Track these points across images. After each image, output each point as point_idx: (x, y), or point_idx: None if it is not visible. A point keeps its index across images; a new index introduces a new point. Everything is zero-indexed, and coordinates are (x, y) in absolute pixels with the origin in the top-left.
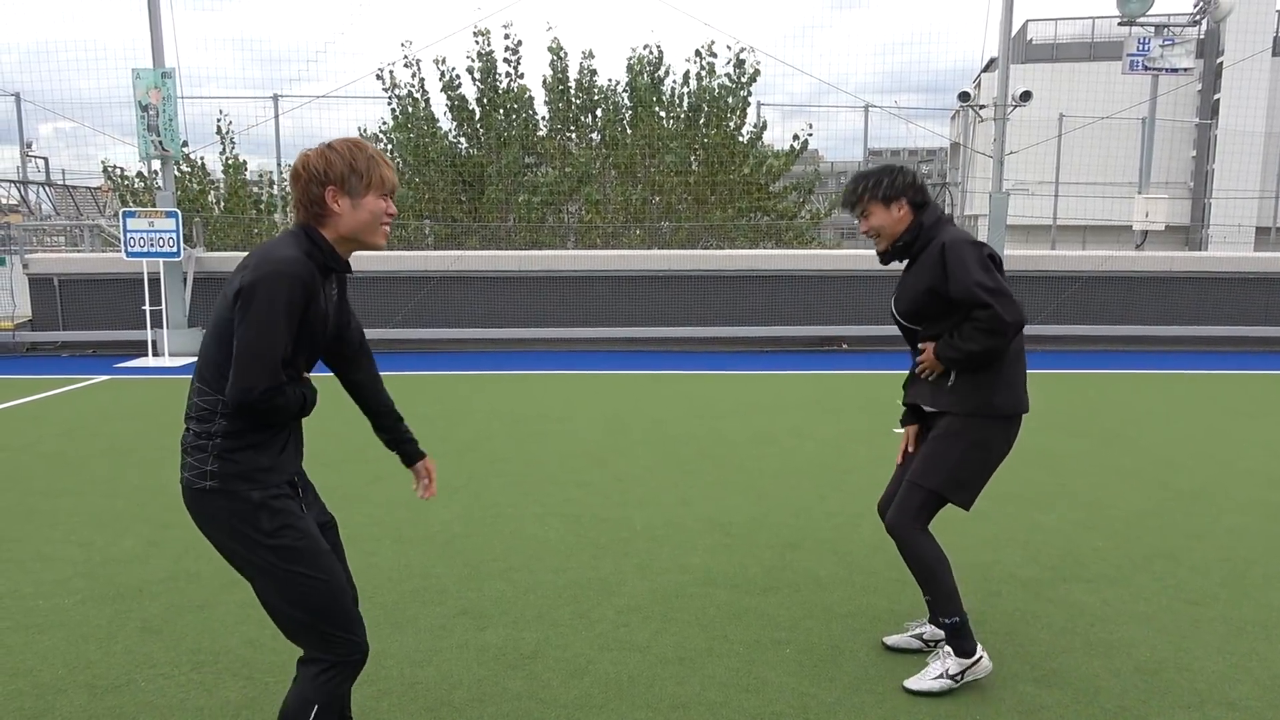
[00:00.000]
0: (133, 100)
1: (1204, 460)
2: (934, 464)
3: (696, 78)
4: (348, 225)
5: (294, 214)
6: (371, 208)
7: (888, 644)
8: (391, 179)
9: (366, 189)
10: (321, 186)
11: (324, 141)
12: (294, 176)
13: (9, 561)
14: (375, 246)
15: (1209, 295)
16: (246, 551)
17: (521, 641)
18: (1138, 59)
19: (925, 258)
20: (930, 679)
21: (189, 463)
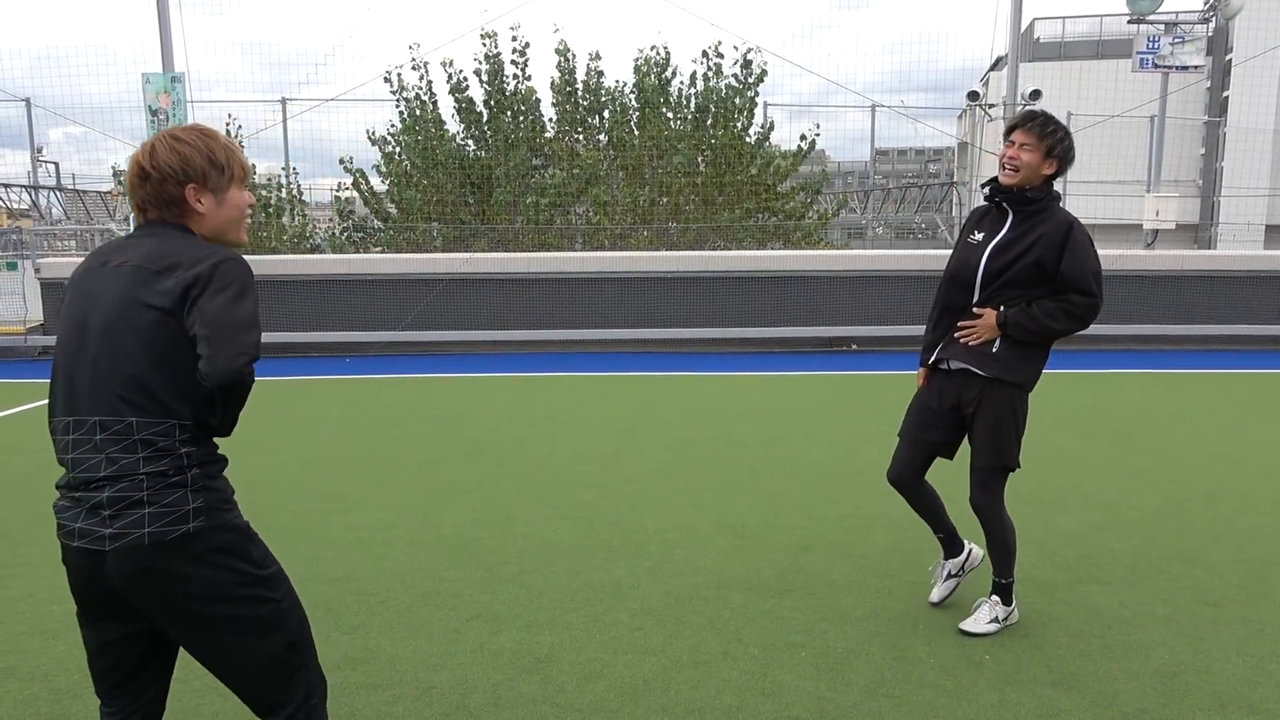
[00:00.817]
0: (142, 105)
1: (1219, 460)
2: (1007, 443)
3: (704, 78)
4: (212, 225)
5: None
6: (237, 202)
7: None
8: (249, 166)
9: (229, 182)
10: (180, 185)
11: (166, 132)
12: (139, 175)
13: (23, 565)
14: (238, 244)
15: (1221, 294)
16: (239, 591)
17: (536, 645)
18: (1148, 57)
19: (1041, 226)
20: (985, 622)
21: (153, 513)
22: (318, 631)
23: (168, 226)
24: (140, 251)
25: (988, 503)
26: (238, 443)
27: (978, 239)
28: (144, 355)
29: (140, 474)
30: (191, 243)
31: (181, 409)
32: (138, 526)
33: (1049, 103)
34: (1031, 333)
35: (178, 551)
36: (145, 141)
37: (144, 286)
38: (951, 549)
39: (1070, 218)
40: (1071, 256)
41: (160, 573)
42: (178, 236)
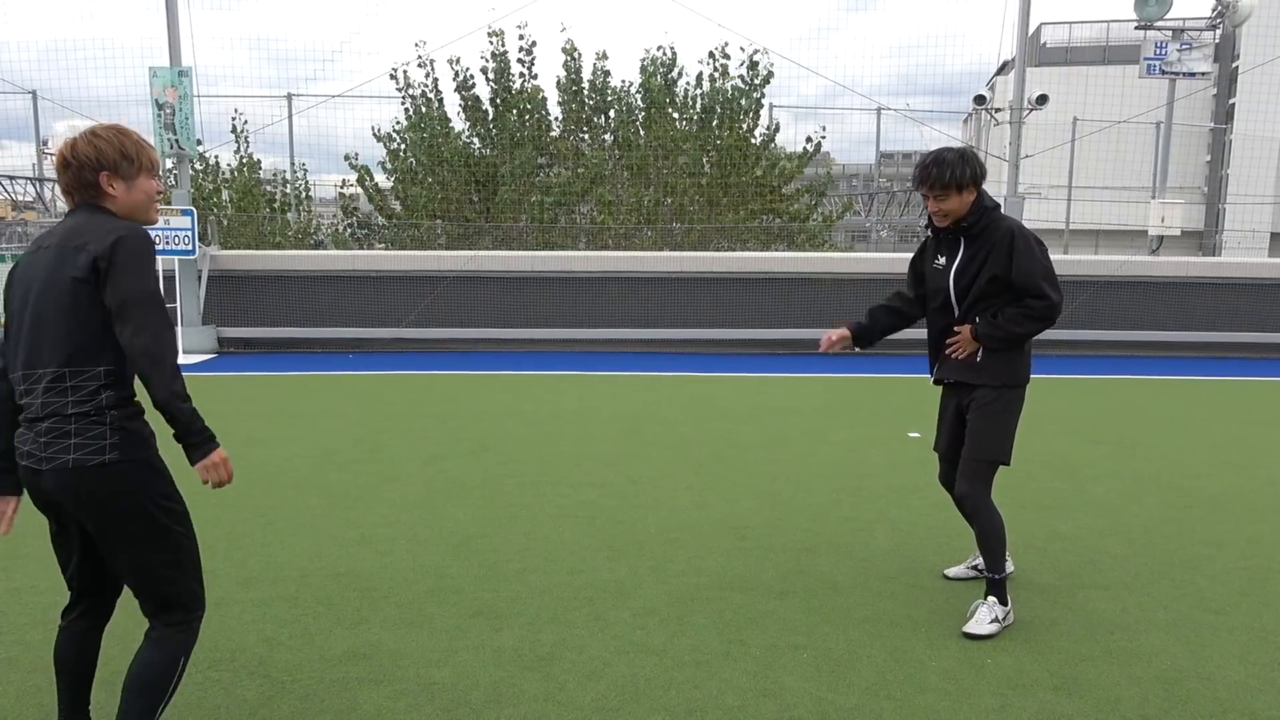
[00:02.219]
0: (149, 98)
1: (1222, 467)
2: (994, 437)
3: (710, 79)
4: (124, 206)
5: (71, 197)
6: (146, 189)
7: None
8: (157, 159)
9: (138, 171)
10: (95, 172)
11: (86, 129)
12: (62, 164)
13: (26, 557)
14: (149, 223)
15: (1226, 301)
16: (141, 518)
17: (538, 643)
18: (1155, 62)
19: (987, 242)
20: (986, 624)
21: (78, 443)
22: (319, 626)
23: (85, 209)
24: (60, 233)
25: (972, 492)
26: (241, 438)
27: (941, 264)
28: (67, 318)
29: (69, 413)
30: (99, 221)
31: (100, 362)
32: (65, 453)
33: (1055, 108)
34: (1001, 340)
35: (95, 475)
36: (68, 137)
37: (63, 262)
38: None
39: (1012, 226)
40: (1018, 265)
41: (82, 490)
42: (90, 217)
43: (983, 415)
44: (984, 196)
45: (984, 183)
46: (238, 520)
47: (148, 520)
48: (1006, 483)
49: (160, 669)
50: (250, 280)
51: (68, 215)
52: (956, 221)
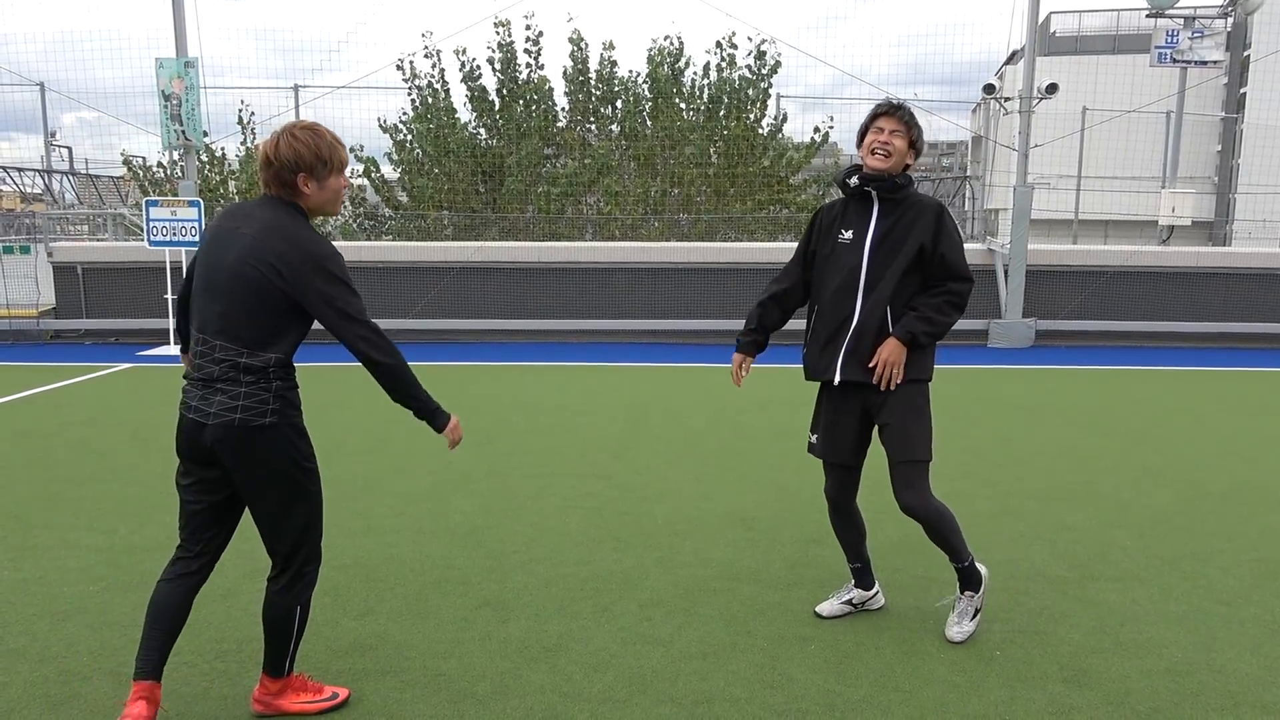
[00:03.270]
0: (155, 90)
1: (1233, 459)
2: (920, 438)
3: (717, 69)
4: (315, 203)
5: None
6: (335, 187)
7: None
8: (347, 158)
9: (330, 172)
10: (293, 173)
11: (283, 128)
12: (265, 162)
13: (34, 548)
14: (333, 214)
15: (1237, 291)
16: (292, 473)
17: (544, 634)
18: (1166, 51)
19: (910, 211)
20: (969, 622)
21: (244, 404)
22: (325, 617)
23: (281, 204)
24: (258, 225)
25: (919, 502)
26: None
27: (848, 237)
28: (250, 306)
29: (242, 381)
30: (298, 228)
31: (272, 347)
32: (231, 413)
33: (1065, 97)
34: (935, 336)
35: (254, 436)
36: (272, 134)
37: (255, 256)
38: (863, 581)
39: (938, 202)
40: (949, 240)
41: (247, 447)
42: (287, 216)
43: (907, 416)
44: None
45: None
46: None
47: (296, 477)
48: (1014, 474)
49: (285, 617)
50: None
51: (261, 201)
52: (890, 175)
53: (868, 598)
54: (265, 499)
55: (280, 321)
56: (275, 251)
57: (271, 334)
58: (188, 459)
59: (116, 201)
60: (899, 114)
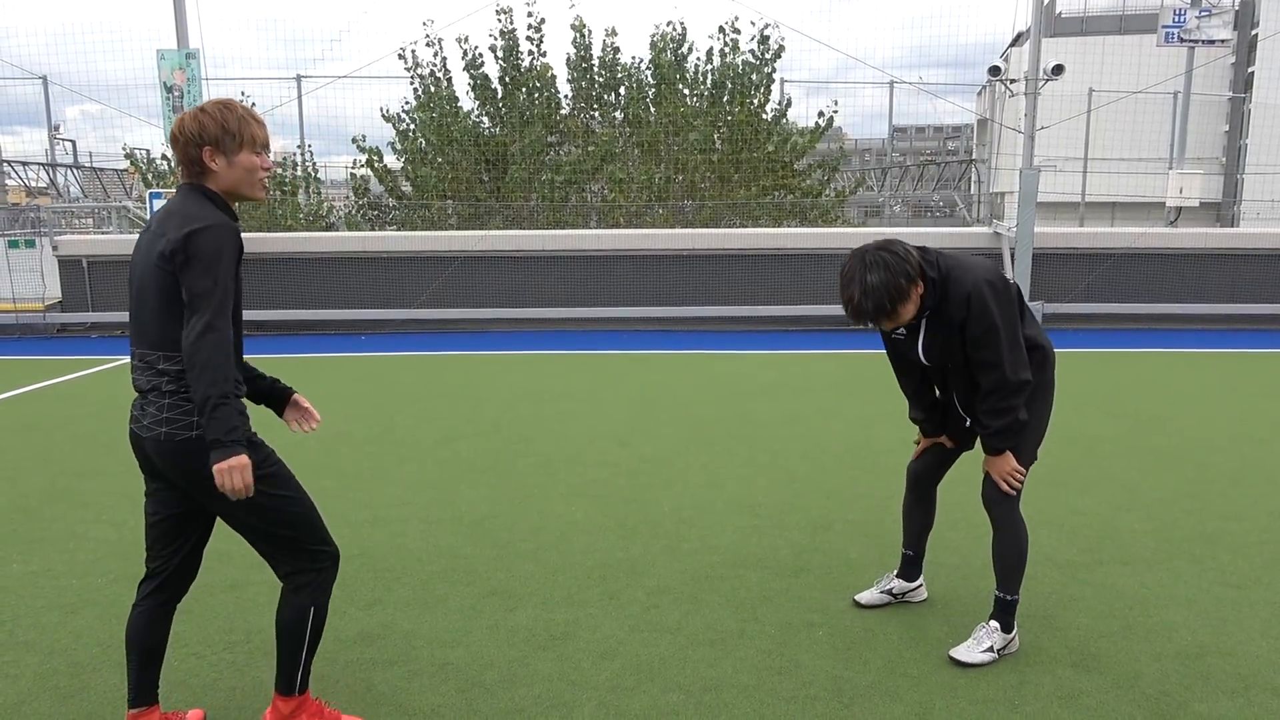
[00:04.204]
0: (157, 82)
1: (1241, 441)
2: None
3: (720, 54)
4: (226, 181)
5: (178, 174)
6: (246, 164)
7: (862, 602)
8: (263, 135)
9: (240, 147)
10: (198, 148)
11: (197, 105)
12: (172, 139)
13: (43, 540)
14: (254, 199)
15: (1245, 272)
16: None
17: (551, 623)
18: (1173, 30)
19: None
20: (979, 651)
21: (170, 417)
22: (335, 608)
23: (186, 190)
24: (158, 216)
25: (1001, 498)
26: (253, 421)
27: (902, 333)
28: (154, 304)
29: (164, 390)
30: (191, 207)
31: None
32: (159, 426)
33: (1071, 78)
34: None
35: (187, 447)
36: (182, 113)
37: (152, 248)
38: (907, 571)
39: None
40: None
41: (179, 461)
42: (192, 199)
43: None
44: (932, 272)
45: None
46: None
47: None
48: None
49: (294, 620)
50: (262, 263)
51: (176, 192)
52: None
53: (909, 589)
54: (228, 513)
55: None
56: (166, 238)
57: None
58: (141, 470)
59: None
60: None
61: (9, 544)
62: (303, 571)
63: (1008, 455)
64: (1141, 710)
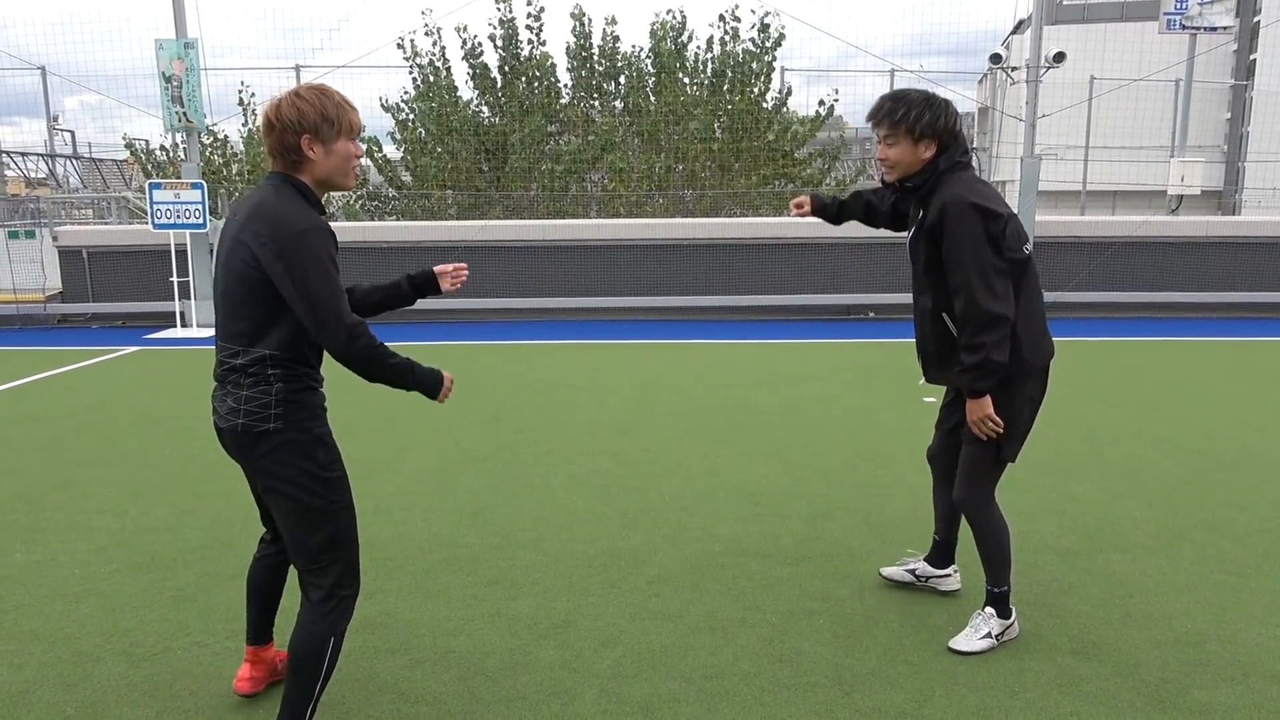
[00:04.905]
0: (156, 72)
1: (1242, 429)
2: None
3: (720, 43)
4: (322, 170)
5: (273, 159)
6: (343, 152)
7: (884, 574)
8: (358, 122)
9: (338, 134)
10: (296, 135)
11: (291, 90)
12: (267, 126)
13: (45, 530)
14: (345, 188)
15: (1246, 260)
16: (304, 484)
17: (553, 611)
18: (1175, 17)
19: (931, 207)
20: (977, 639)
21: (246, 409)
22: None
23: (277, 182)
24: (245, 209)
25: (970, 497)
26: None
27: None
28: (237, 297)
29: (241, 383)
30: (283, 207)
31: (263, 341)
32: (235, 417)
33: (1072, 66)
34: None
35: (257, 442)
36: (273, 97)
37: (238, 241)
38: (935, 558)
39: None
40: (950, 239)
41: (250, 453)
42: (280, 196)
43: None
44: (943, 158)
45: (952, 143)
46: None
47: (305, 488)
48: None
49: (315, 648)
50: None
51: (263, 183)
52: (902, 179)
53: (934, 574)
54: (279, 509)
55: (267, 313)
56: (253, 232)
57: (261, 326)
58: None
59: (120, 185)
60: (885, 115)
61: (12, 533)
62: (333, 597)
63: (985, 401)
64: (1141, 697)
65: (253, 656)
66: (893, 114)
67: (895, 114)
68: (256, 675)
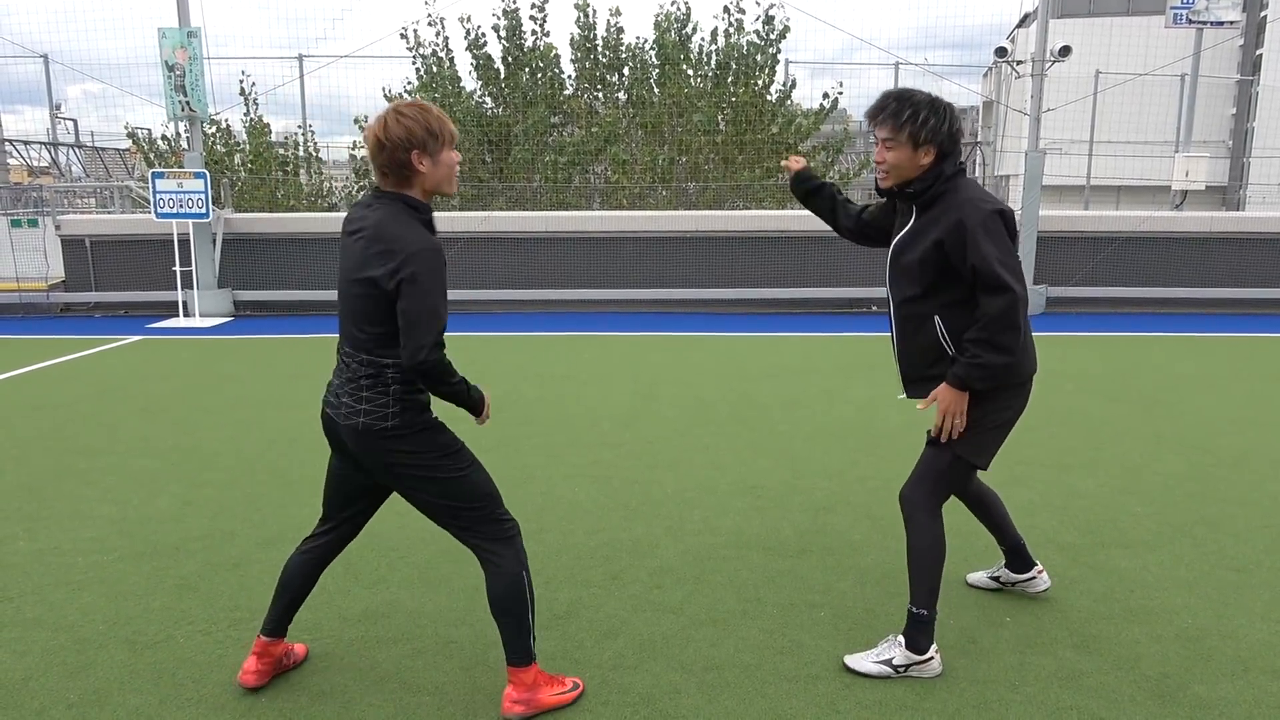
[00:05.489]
0: (159, 61)
1: (1245, 425)
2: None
3: (725, 35)
4: (431, 181)
5: (384, 176)
6: (448, 161)
7: (970, 581)
8: (456, 131)
9: (442, 146)
10: (407, 151)
11: (387, 110)
12: (377, 146)
13: (48, 519)
14: (450, 194)
15: (1250, 257)
16: (429, 465)
17: (554, 602)
18: (1182, 11)
19: (938, 214)
20: (871, 662)
21: (366, 409)
22: (337, 586)
23: (390, 201)
24: (368, 231)
25: (915, 495)
26: (258, 400)
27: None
28: (359, 313)
29: (362, 385)
30: (403, 229)
31: (388, 352)
32: (356, 416)
33: (1077, 60)
34: (990, 379)
35: (381, 438)
36: (376, 118)
37: (367, 263)
38: (1013, 564)
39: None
40: (974, 243)
41: (376, 449)
42: (398, 216)
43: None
44: (946, 164)
45: (953, 149)
46: (256, 482)
47: (435, 468)
48: (1024, 440)
49: (512, 589)
50: (265, 243)
51: (374, 201)
52: (900, 184)
53: (1018, 579)
54: (422, 495)
55: (387, 327)
56: (379, 250)
57: (383, 338)
58: (330, 444)
59: (123, 174)
60: (890, 115)
61: (15, 521)
62: (499, 540)
63: (965, 397)
64: (1142, 691)
65: (261, 649)
66: (898, 115)
67: (901, 115)
68: (262, 669)
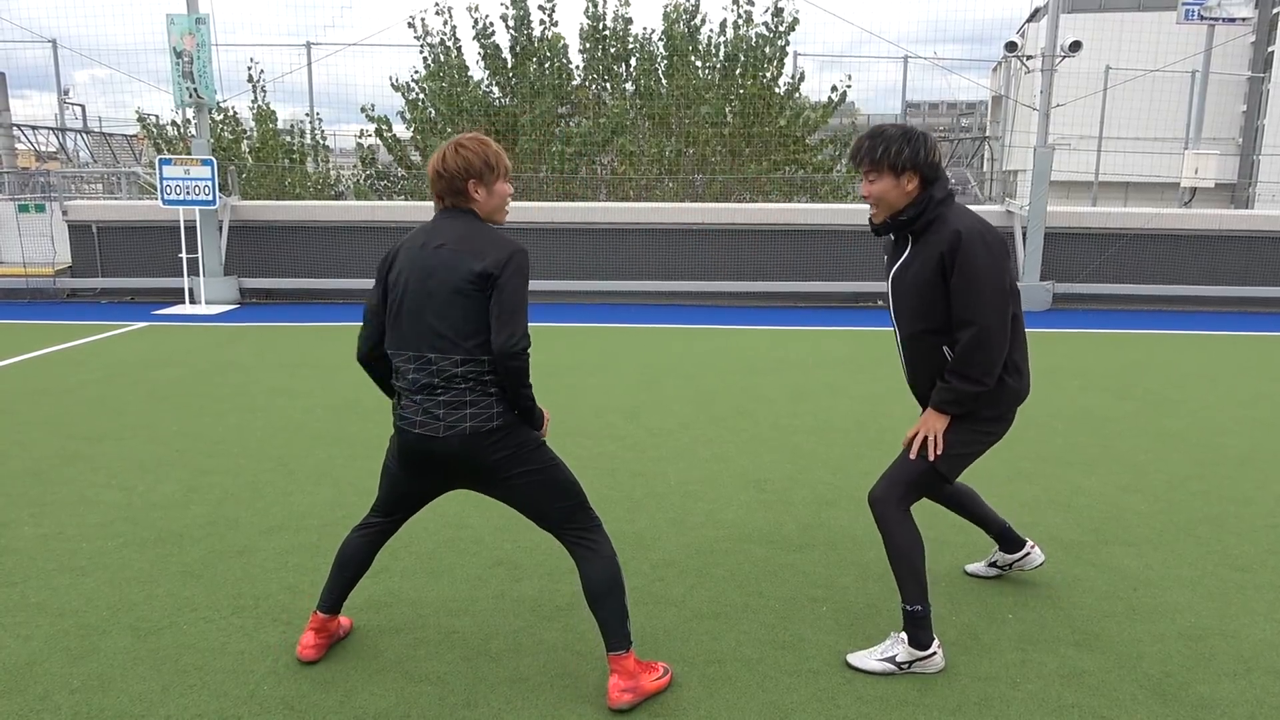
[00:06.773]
0: (167, 47)
1: (1250, 424)
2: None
3: (733, 26)
4: (484, 209)
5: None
6: (502, 192)
7: (968, 571)
8: (510, 166)
9: (497, 177)
10: (464, 180)
11: (449, 143)
12: (435, 176)
13: (53, 504)
14: (500, 223)
15: (1258, 255)
16: (528, 462)
17: (557, 593)
18: (1193, 8)
19: (933, 238)
20: (874, 659)
21: (471, 412)
22: None
23: (462, 213)
24: (452, 236)
25: (886, 496)
26: (263, 388)
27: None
28: (460, 316)
29: (463, 388)
30: (490, 234)
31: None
32: (461, 423)
33: (1088, 55)
34: (960, 405)
35: (487, 439)
36: (440, 147)
37: (460, 267)
38: (1005, 545)
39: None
40: (959, 270)
41: (481, 451)
42: (473, 224)
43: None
44: (935, 188)
45: (936, 175)
46: (260, 470)
47: (532, 464)
48: (1029, 437)
49: (612, 574)
50: (271, 231)
51: (443, 216)
52: (892, 215)
53: (1013, 559)
54: (526, 491)
55: (487, 326)
56: (472, 254)
57: (485, 339)
58: (409, 472)
59: (130, 160)
60: (865, 153)
61: (20, 507)
62: (591, 529)
63: (944, 419)
64: (1143, 690)
65: (319, 625)
66: (873, 151)
67: (875, 151)
68: (320, 643)
